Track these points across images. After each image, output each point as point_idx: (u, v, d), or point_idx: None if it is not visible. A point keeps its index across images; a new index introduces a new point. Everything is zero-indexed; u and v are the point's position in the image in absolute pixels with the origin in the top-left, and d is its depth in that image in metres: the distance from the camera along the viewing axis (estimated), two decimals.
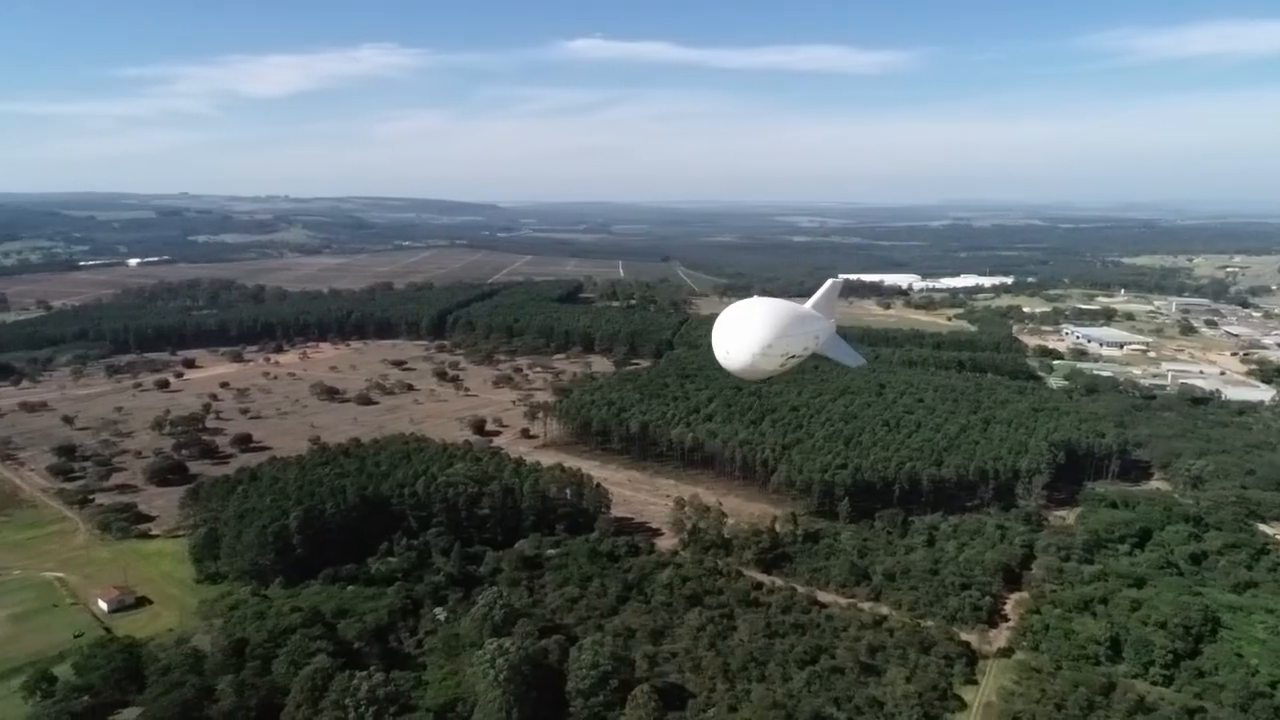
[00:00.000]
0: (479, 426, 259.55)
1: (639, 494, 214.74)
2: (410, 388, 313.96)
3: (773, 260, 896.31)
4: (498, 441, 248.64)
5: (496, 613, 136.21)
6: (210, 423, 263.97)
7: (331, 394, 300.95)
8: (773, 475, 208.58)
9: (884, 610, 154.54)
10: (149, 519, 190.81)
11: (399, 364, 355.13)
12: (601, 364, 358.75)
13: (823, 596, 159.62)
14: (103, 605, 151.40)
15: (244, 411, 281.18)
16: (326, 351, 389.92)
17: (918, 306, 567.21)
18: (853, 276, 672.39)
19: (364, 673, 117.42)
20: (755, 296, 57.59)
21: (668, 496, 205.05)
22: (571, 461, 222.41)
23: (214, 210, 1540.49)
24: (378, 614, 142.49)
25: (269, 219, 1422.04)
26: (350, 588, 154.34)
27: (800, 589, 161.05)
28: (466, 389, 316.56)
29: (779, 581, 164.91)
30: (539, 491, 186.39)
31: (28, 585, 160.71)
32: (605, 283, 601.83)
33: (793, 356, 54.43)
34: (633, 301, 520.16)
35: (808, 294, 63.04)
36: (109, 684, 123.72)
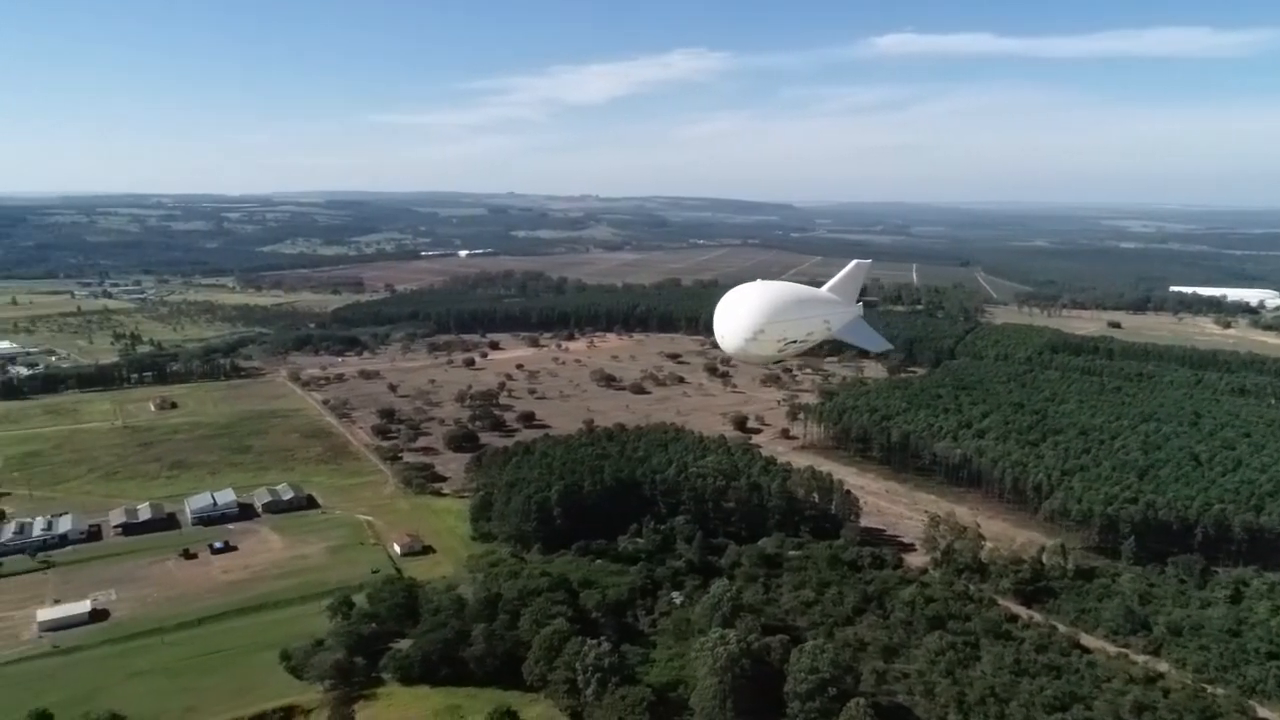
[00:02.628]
0: (740, 423, 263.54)
1: (895, 506, 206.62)
2: (681, 380, 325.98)
3: (1091, 268, 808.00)
4: (757, 439, 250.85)
5: (725, 604, 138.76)
6: (503, 399, 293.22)
7: (609, 381, 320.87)
8: (1045, 501, 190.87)
9: (1161, 667, 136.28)
10: (442, 479, 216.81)
11: (674, 357, 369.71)
12: (875, 369, 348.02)
13: (1087, 640, 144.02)
14: (396, 548, 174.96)
15: (532, 391, 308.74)
16: (612, 341, 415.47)
17: (1267, 327, 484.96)
18: (1186, 289, 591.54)
19: (594, 641, 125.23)
20: (758, 280, 54.73)
21: (925, 512, 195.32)
22: (828, 466, 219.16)
23: (534, 208, 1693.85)
24: (619, 590, 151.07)
25: (580, 216, 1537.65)
26: (598, 561, 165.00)
27: (1061, 628, 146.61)
28: (734, 385, 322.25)
29: (1037, 617, 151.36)
30: (786, 492, 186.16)
31: (344, 524, 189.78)
32: (892, 286, 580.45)
33: (792, 341, 51.86)
34: (919, 306, 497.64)
35: (1126, 305, 55.26)
36: (392, 615, 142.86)
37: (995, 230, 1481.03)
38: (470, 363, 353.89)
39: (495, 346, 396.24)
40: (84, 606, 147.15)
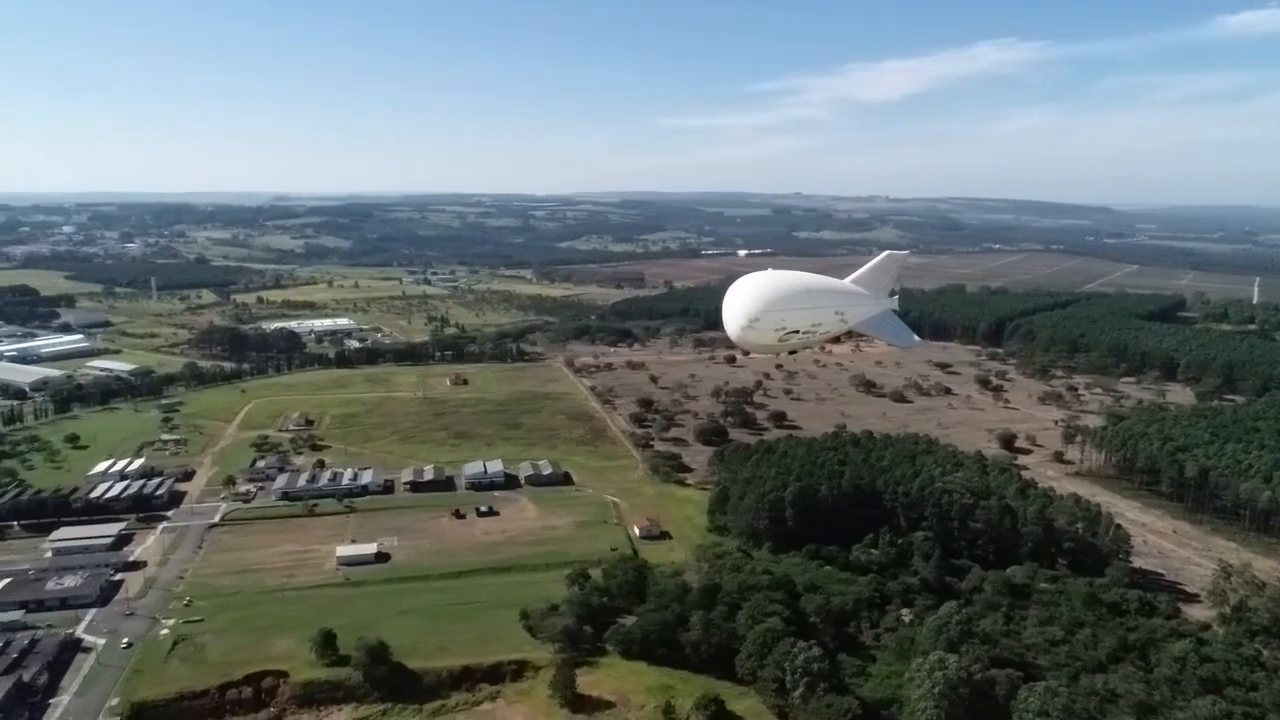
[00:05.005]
0: (1008, 441, 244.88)
1: (1181, 550, 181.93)
2: (948, 391, 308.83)
3: None
4: (1025, 460, 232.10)
5: (953, 627, 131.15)
6: (757, 398, 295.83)
7: (869, 387, 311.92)
8: None
9: None
10: (688, 470, 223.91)
11: (943, 366, 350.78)
12: (1181, 394, 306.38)
13: None
14: (636, 531, 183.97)
15: (788, 392, 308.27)
16: (878, 346, 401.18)
17: None
18: None
19: (805, 644, 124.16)
20: (769, 269, 51.52)
21: (1219, 560, 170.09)
22: (1105, 497, 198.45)
23: (818, 209, 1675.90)
24: (844, 598, 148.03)
25: (865, 218, 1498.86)
26: (827, 567, 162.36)
27: None
28: (1007, 401, 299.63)
29: None
30: (1045, 519, 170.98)
31: (593, 502, 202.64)
32: (1219, 301, 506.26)
33: (794, 331, 49.07)
34: (1250, 326, 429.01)
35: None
36: (622, 592, 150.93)
37: None
38: (731, 359, 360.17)
39: None
40: (372, 548, 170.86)
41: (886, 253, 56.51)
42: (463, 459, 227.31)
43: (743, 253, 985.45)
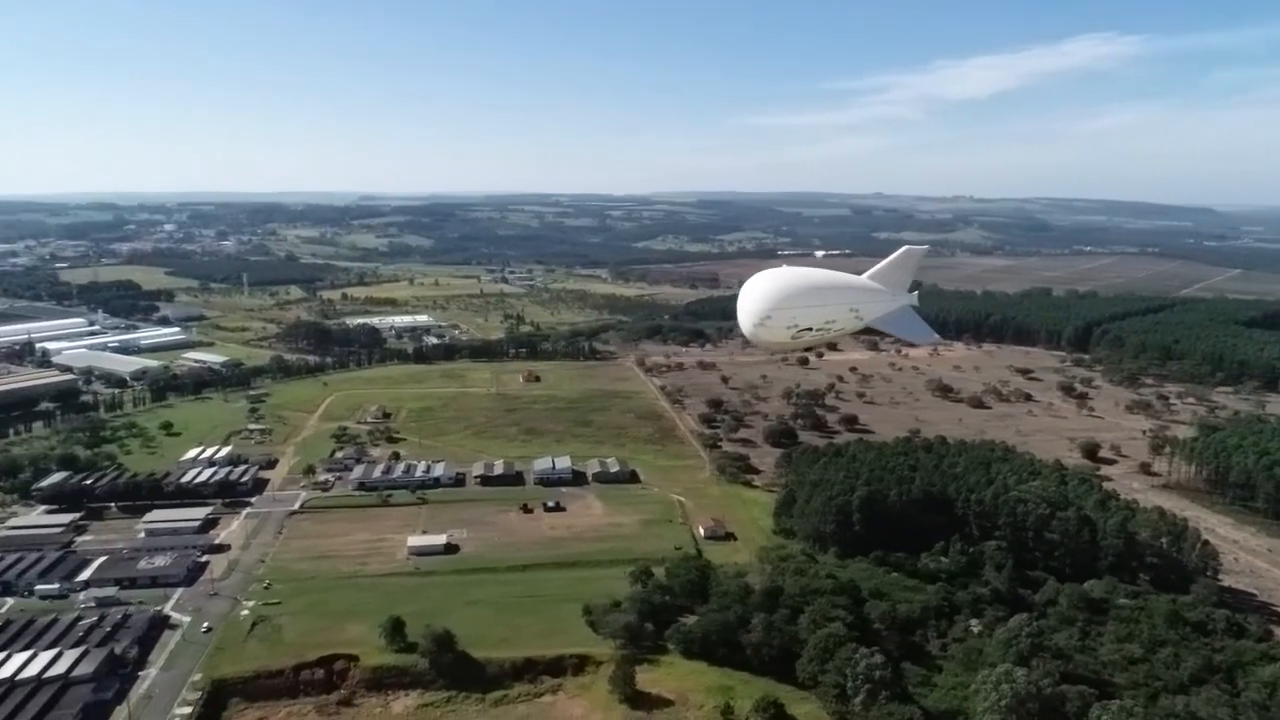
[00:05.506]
0: (1091, 451, 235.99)
1: (1276, 570, 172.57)
2: (1029, 398, 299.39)
3: None
4: (1109, 471, 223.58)
5: (1023, 640, 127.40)
6: (829, 400, 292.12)
7: (946, 392, 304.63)
8: None
9: None
10: (755, 471, 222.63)
11: (1024, 372, 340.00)
12: None
13: None
14: (700, 530, 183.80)
15: (860, 395, 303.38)
16: (957, 351, 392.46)
17: None
18: None
19: (868, 650, 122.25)
20: (783, 266, 50.61)
21: None
22: (1194, 512, 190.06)
23: (900, 209, 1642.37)
24: (910, 606, 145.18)
25: (948, 219, 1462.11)
26: (894, 574, 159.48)
27: None
28: (1091, 409, 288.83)
29: None
30: (1126, 532, 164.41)
31: (659, 501, 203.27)
32: None
33: (806, 329, 48.24)
34: None
35: None
36: (684, 591, 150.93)
37: None
38: (804, 361, 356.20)
39: (833, 347, 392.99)
40: (442, 539, 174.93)
41: (905, 248, 55.20)
42: (532, 455, 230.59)
43: (820, 253, 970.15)
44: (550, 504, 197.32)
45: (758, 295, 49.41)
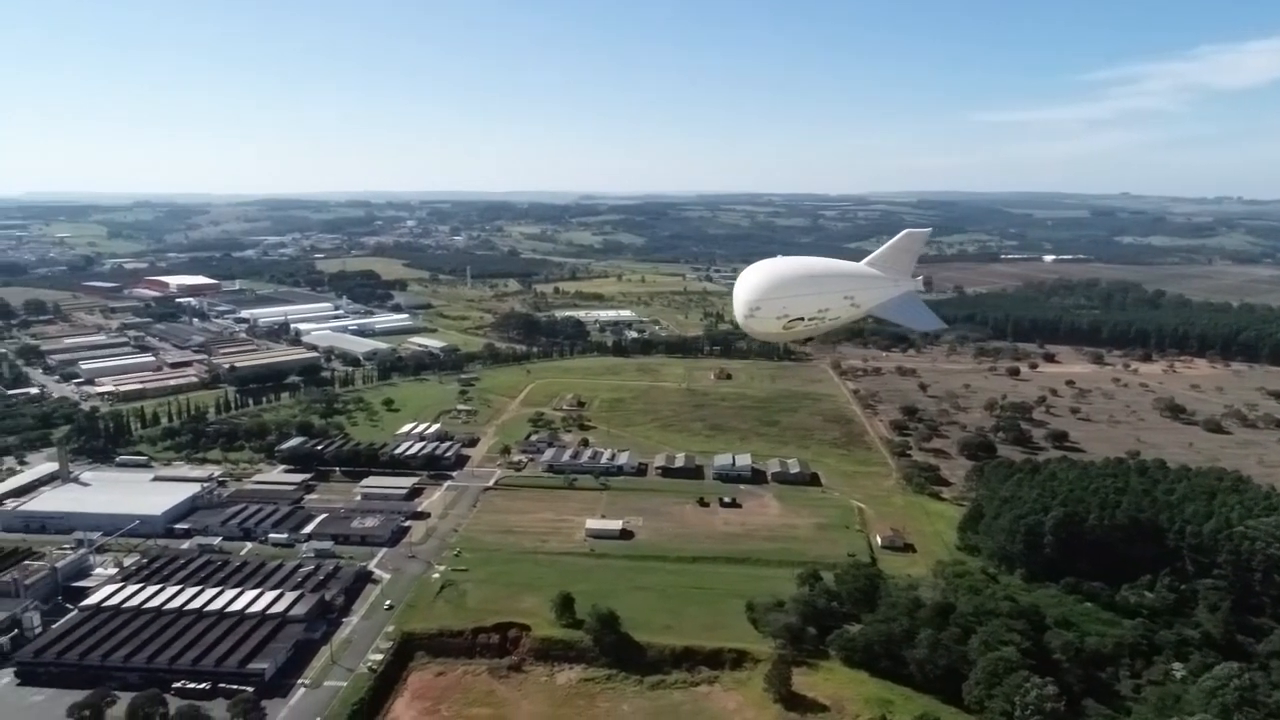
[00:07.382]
0: None
1: None
2: None
3: None
4: None
5: (1231, 692, 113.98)
6: (1038, 414, 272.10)
7: (1176, 413, 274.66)
8: None
9: None
10: (945, 484, 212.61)
11: (1279, 395, 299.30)
12: None
13: None
14: (878, 539, 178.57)
15: (1075, 411, 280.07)
16: (1199, 368, 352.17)
17: None
18: None
19: (1041, 680, 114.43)
20: (779, 255, 48.42)
21: None
22: None
23: (1149, 211, 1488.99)
24: (1101, 640, 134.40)
25: (1208, 222, 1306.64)
26: (1086, 604, 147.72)
27: None
28: None
29: None
30: None
31: (838, 505, 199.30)
32: None
33: (799, 318, 45.95)
34: None
35: None
36: (851, 599, 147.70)
37: None
38: (1014, 372, 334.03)
39: (1050, 359, 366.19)
40: (618, 525, 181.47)
41: (905, 231, 52.08)
42: (714, 450, 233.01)
43: (1049, 258, 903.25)
44: (726, 500, 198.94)
45: (748, 286, 48.24)
